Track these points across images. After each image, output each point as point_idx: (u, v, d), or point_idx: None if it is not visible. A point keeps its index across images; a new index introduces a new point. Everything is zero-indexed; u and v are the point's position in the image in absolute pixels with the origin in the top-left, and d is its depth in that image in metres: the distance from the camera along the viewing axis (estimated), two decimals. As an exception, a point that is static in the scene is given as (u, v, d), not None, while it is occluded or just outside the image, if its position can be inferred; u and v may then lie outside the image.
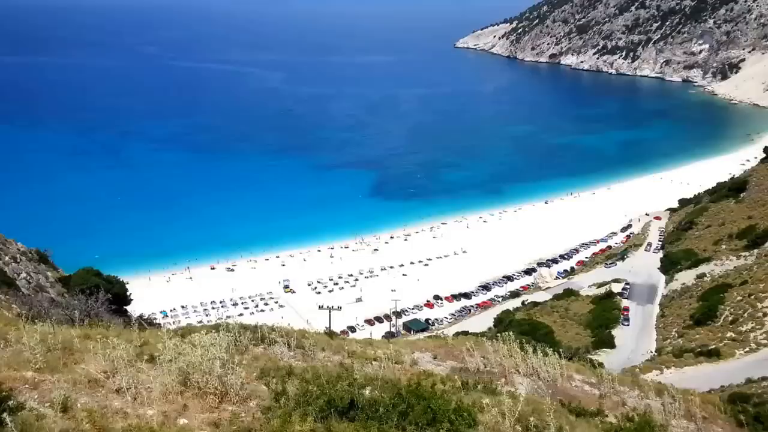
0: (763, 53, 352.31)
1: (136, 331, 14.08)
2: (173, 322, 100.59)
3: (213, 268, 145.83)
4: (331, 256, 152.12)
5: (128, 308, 32.22)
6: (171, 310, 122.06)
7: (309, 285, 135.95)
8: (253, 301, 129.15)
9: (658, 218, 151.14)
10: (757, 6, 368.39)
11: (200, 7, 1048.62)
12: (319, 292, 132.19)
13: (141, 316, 30.50)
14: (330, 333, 17.70)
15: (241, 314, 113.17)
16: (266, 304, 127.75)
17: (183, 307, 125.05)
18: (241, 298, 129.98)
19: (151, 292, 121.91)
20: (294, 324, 17.95)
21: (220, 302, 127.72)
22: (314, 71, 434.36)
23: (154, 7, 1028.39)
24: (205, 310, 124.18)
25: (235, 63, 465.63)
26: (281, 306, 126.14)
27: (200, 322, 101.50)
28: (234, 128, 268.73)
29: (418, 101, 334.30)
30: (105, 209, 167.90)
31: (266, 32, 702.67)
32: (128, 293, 33.39)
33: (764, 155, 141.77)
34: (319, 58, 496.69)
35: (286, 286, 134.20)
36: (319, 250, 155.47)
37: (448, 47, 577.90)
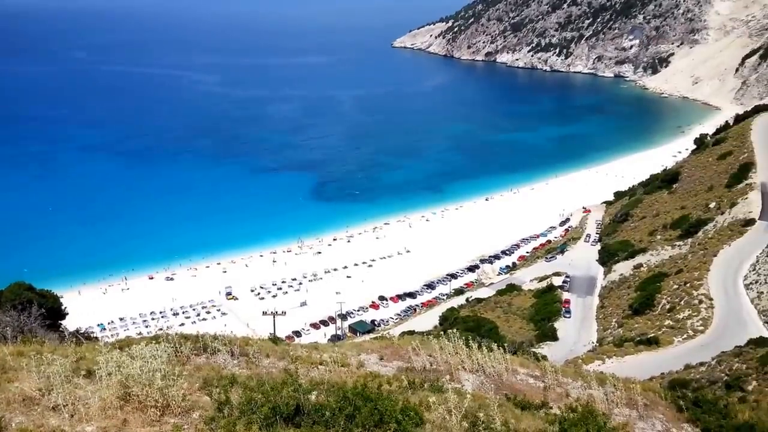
0: (690, 47, 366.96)
1: (72, 346, 13.60)
2: (111, 335, 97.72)
3: (151, 278, 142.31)
4: (274, 261, 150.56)
5: (63, 323, 31.01)
6: (109, 323, 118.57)
7: (252, 291, 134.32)
8: (194, 310, 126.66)
9: (587, 211, 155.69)
10: (684, 1, 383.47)
11: (130, 11, 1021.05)
12: (262, 298, 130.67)
13: (77, 331, 29.42)
14: (274, 339, 17.45)
15: (182, 324, 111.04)
16: (208, 312, 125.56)
17: (121, 319, 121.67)
18: (182, 307, 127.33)
19: (87, 305, 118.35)
20: (237, 331, 17.65)
21: (160, 313, 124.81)
22: (250, 73, 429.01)
23: (81, 12, 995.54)
24: (145, 321, 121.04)
25: (167, 67, 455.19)
26: (224, 314, 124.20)
27: (139, 334, 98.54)
28: (168, 133, 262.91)
29: (357, 102, 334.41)
30: (34, 221, 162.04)
31: (199, 35, 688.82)
32: (63, 307, 32.14)
33: (695, 146, 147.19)
34: (255, 60, 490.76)
35: (229, 293, 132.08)
36: (261, 255, 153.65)
37: (385, 47, 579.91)
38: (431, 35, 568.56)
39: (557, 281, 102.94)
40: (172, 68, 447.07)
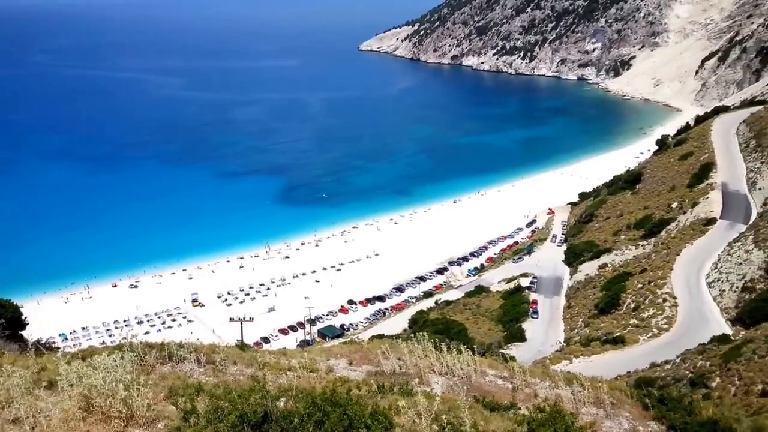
0: (652, 50, 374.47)
1: (32, 357, 13.24)
2: (74, 345, 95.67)
3: (115, 286, 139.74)
4: (241, 266, 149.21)
5: (24, 333, 30.25)
6: (71, 333, 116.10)
7: (219, 297, 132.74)
8: (159, 317, 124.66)
9: (551, 212, 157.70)
10: (645, 5, 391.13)
11: (93, 13, 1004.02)
12: (229, 304, 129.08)
13: (38, 341, 28.70)
14: (242, 345, 17.25)
15: (147, 332, 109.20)
16: (174, 320, 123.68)
17: (84, 328, 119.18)
18: (146, 315, 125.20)
19: (48, 314, 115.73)
20: (204, 339, 17.40)
21: (124, 321, 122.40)
22: (216, 77, 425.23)
23: (43, 14, 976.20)
24: (108, 330, 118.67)
25: (131, 70, 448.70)
26: (190, 321, 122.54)
27: (103, 343, 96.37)
28: (131, 138, 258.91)
29: (324, 105, 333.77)
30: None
31: (164, 38, 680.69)
32: (23, 317, 31.35)
33: (657, 147, 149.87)
34: (220, 63, 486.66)
35: (195, 300, 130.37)
36: (228, 261, 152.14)
37: (352, 50, 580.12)
38: (398, 38, 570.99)
39: (525, 282, 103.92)
40: (136, 71, 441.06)
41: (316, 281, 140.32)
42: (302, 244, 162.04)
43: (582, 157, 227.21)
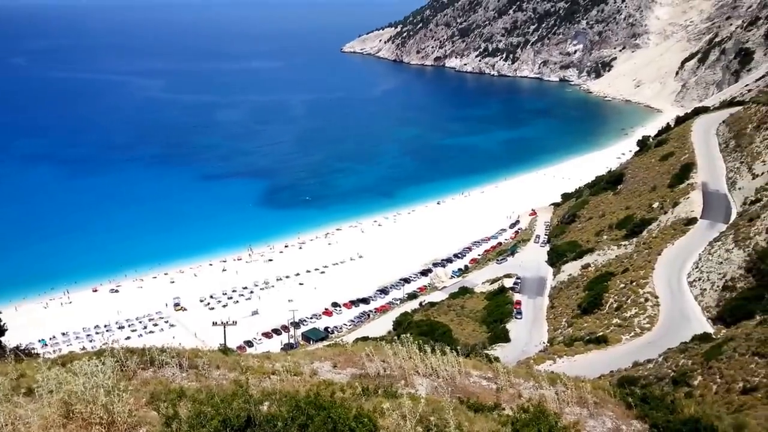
0: (632, 51, 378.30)
1: (11, 363, 13.04)
2: (53, 351, 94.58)
3: (95, 291, 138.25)
4: (224, 270, 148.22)
5: (2, 339, 29.85)
6: (51, 339, 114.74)
7: (201, 301, 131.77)
8: (141, 322, 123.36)
9: (534, 213, 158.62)
10: (625, 7, 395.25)
11: (73, 15, 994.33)
12: (212, 308, 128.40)
13: (17, 347, 28.32)
14: (225, 349, 17.10)
15: (128, 338, 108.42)
16: (155, 324, 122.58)
17: (64, 334, 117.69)
18: (127, 320, 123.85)
19: (27, 320, 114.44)
20: (186, 343, 17.22)
21: (105, 326, 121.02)
22: (198, 78, 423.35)
23: (17, 17, 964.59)
24: (89, 335, 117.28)
25: (111, 72, 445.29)
26: (172, 325, 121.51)
27: (83, 349, 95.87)
28: (112, 141, 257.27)
29: (307, 107, 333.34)
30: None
31: (146, 40, 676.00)
32: (1, 323, 30.93)
33: (638, 148, 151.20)
34: (201, 65, 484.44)
35: (177, 304, 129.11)
36: (210, 264, 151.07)
37: (334, 51, 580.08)
38: (380, 40, 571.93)
39: (508, 283, 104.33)
40: (116, 74, 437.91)
41: (300, 284, 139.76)
42: (286, 246, 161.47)
43: (564, 158, 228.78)
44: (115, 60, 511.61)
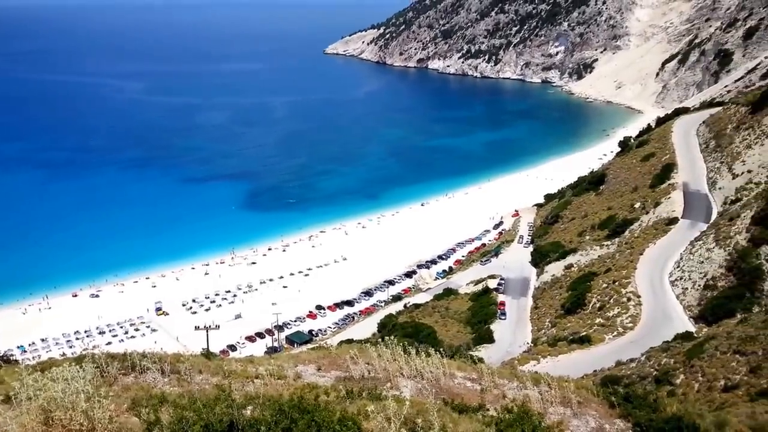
0: (613, 53, 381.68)
1: (-11, 370, 12.86)
2: (33, 358, 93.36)
3: (75, 296, 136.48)
4: (207, 273, 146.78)
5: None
6: (30, 345, 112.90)
7: (184, 305, 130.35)
8: (122, 327, 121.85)
9: (517, 214, 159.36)
10: (606, 8, 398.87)
11: (50, 16, 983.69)
12: (195, 312, 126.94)
13: (-4, 353, 28.03)
14: (207, 354, 16.98)
15: (109, 343, 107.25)
16: (137, 329, 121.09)
17: (43, 340, 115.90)
18: (108, 325, 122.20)
19: (5, 326, 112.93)
20: (169, 348, 17.08)
21: (85, 332, 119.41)
22: (179, 81, 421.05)
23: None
24: (69, 341, 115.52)
25: (90, 74, 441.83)
26: (154, 330, 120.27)
27: (63, 355, 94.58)
28: (91, 144, 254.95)
29: (290, 109, 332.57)
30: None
31: (127, 41, 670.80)
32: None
33: (619, 149, 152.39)
34: (183, 67, 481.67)
35: (159, 309, 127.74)
36: (192, 268, 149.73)
37: (317, 53, 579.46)
38: (363, 42, 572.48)
39: (492, 284, 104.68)
40: (95, 76, 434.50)
41: (284, 287, 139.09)
42: (269, 249, 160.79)
43: (547, 159, 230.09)
44: (96, 62, 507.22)
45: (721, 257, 69.45)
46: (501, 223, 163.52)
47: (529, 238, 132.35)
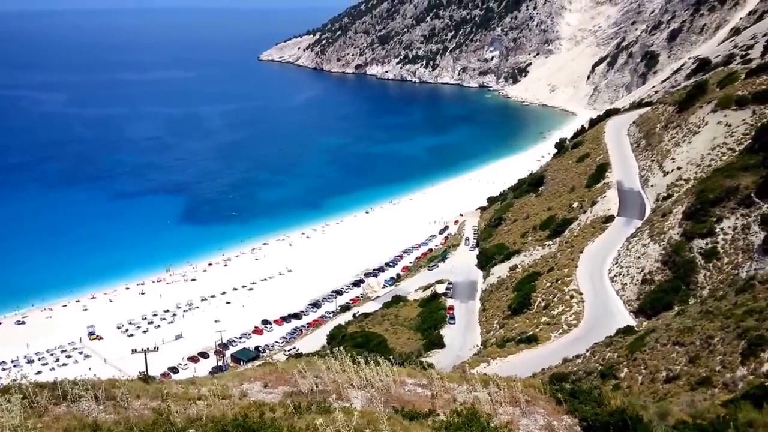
0: (546, 57, 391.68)
1: None
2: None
3: None
4: (142, 293, 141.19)
5: None
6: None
7: (119, 328, 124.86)
8: (52, 355, 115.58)
9: (461, 218, 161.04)
10: (537, 14, 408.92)
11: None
12: (131, 335, 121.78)
13: None
14: (146, 377, 16.25)
15: (39, 372, 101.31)
16: (69, 356, 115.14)
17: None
18: (37, 353, 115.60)
19: None
20: (104, 374, 16.26)
21: (12, 362, 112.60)
22: (102, 90, 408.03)
23: None
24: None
25: (7, 87, 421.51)
26: (87, 356, 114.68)
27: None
28: (6, 159, 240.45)
29: (226, 118, 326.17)
30: None
31: (45, 49, 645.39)
32: None
33: (556, 150, 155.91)
34: (105, 76, 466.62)
35: (92, 333, 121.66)
36: (127, 288, 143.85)
37: (251, 60, 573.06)
38: (299, 48, 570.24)
39: (441, 289, 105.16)
40: (7, 88, 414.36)
41: (227, 303, 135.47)
42: (209, 264, 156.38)
43: (487, 163, 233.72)
44: (9, 72, 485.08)
45: (656, 252, 71.69)
46: (446, 227, 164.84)
47: (475, 241, 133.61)
